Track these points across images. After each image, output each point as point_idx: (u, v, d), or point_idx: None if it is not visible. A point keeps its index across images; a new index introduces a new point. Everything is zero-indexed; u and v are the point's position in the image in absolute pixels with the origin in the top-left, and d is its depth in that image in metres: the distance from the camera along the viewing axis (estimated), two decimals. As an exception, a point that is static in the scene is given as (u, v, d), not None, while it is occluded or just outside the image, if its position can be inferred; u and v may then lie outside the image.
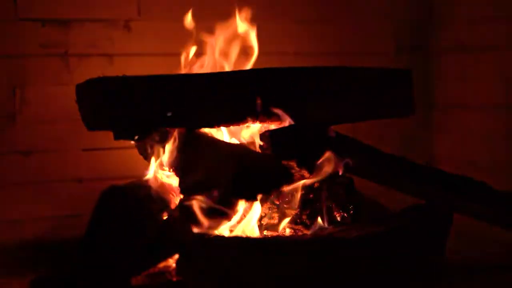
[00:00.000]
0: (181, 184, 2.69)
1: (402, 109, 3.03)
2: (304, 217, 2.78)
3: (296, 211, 2.77)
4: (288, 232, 2.73)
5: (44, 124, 3.16)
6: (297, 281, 2.53)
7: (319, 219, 2.73)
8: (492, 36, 3.63)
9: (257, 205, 2.63)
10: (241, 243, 2.53)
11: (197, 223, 2.54)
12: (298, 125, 2.75)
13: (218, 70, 2.94)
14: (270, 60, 2.92)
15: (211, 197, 2.56)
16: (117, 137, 2.67)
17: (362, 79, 2.95)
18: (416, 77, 3.05)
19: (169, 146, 2.73)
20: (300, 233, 2.72)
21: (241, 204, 2.61)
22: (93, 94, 2.65)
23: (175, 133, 2.72)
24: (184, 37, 2.98)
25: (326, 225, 2.77)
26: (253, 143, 2.82)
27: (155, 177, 2.77)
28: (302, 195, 2.76)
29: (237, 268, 2.48)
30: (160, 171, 2.79)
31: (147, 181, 2.76)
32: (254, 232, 2.67)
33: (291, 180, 2.67)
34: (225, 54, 2.97)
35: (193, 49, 2.97)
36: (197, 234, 2.52)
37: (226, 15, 2.97)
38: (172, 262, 2.54)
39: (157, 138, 2.75)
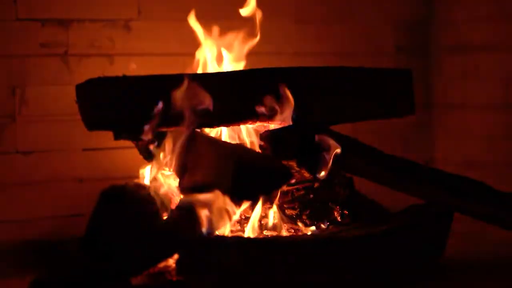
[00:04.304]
0: (181, 184, 2.69)
1: (402, 109, 3.03)
2: (304, 217, 2.78)
3: (296, 211, 2.77)
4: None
5: (44, 124, 3.16)
6: (297, 281, 2.53)
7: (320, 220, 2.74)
8: (492, 36, 3.63)
9: (258, 206, 2.64)
10: (241, 243, 2.53)
11: (197, 223, 2.54)
12: (298, 125, 2.75)
13: (218, 70, 2.94)
14: (270, 60, 2.92)
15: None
16: (117, 137, 2.67)
17: (362, 79, 2.95)
18: (416, 77, 3.05)
19: (169, 146, 2.73)
20: (300, 233, 2.73)
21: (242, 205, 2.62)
22: (93, 94, 2.65)
23: (175, 133, 2.72)
24: (184, 37, 2.98)
25: (326, 225, 2.77)
26: (253, 143, 2.82)
27: (155, 177, 2.77)
28: (302, 195, 2.76)
29: (237, 268, 2.49)
30: (160, 171, 2.79)
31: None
32: (254, 232, 2.68)
33: (291, 180, 2.67)
34: (224, 54, 2.97)
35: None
36: (197, 234, 2.52)
37: (226, 15, 2.97)
38: (172, 262, 2.54)
39: (157, 138, 2.75)
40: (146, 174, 2.81)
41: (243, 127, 2.84)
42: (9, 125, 3.12)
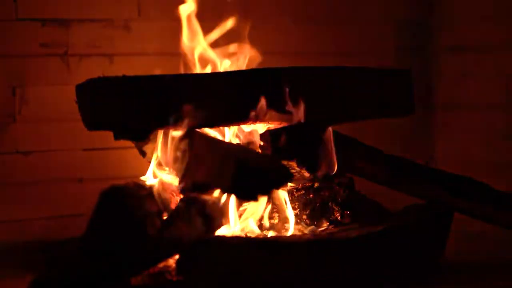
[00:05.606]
0: (181, 184, 2.69)
1: (402, 109, 3.03)
2: (304, 217, 2.78)
3: (296, 211, 2.77)
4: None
5: (44, 124, 3.16)
6: (297, 281, 2.53)
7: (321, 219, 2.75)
8: (492, 36, 3.63)
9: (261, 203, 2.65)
10: (241, 243, 2.53)
11: (197, 223, 2.54)
12: (298, 125, 2.75)
13: (218, 70, 2.94)
14: (270, 60, 2.92)
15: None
16: (117, 137, 2.67)
17: (362, 79, 2.95)
18: (416, 77, 3.05)
19: (168, 146, 2.73)
20: (300, 233, 2.73)
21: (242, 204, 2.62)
22: (93, 94, 2.64)
23: (175, 133, 2.72)
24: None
25: (326, 225, 2.77)
26: (253, 143, 2.82)
27: (155, 177, 2.77)
28: (302, 195, 2.76)
29: (237, 268, 2.49)
30: (160, 171, 2.79)
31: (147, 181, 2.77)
32: (254, 232, 2.68)
33: (291, 180, 2.67)
34: (224, 54, 2.97)
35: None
36: (198, 234, 2.52)
37: (226, 16, 2.97)
38: (172, 262, 2.54)
39: (157, 138, 2.75)
40: (146, 174, 2.81)
41: (243, 127, 2.84)
42: (9, 125, 3.12)
